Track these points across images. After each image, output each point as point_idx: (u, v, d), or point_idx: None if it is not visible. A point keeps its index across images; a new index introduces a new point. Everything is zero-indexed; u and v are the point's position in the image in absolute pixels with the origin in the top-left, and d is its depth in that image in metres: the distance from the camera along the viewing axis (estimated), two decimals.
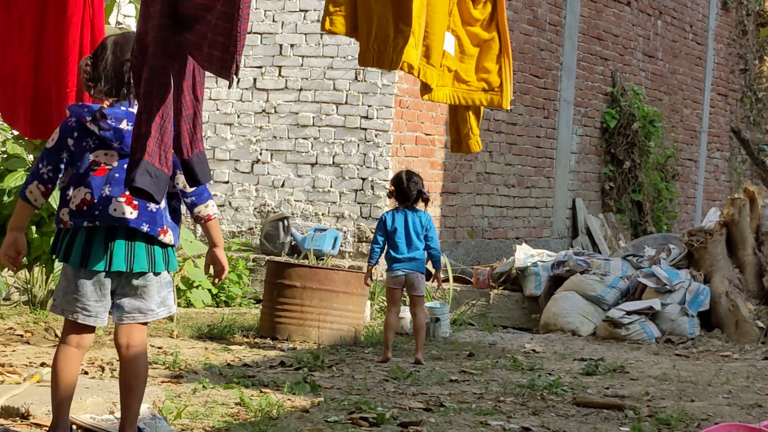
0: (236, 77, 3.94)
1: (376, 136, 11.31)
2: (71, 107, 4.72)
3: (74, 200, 4.61)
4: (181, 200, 4.78)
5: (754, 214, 10.73)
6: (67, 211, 4.62)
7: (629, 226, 15.45)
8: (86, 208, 4.58)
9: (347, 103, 11.45)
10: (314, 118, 11.57)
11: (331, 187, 11.48)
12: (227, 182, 11.87)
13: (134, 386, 4.67)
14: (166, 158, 4.27)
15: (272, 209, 11.70)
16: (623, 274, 10.49)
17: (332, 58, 11.49)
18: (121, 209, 4.57)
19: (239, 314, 9.96)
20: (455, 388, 7.04)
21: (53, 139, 4.68)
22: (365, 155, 11.34)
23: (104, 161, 4.63)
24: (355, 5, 5.28)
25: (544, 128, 13.93)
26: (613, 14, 15.34)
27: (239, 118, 11.85)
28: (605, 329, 9.97)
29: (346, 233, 11.38)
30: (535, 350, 9.05)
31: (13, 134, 8.44)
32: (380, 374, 7.44)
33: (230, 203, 11.84)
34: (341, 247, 11.34)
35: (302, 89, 11.64)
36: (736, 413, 6.57)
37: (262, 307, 9.24)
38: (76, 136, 4.64)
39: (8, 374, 6.27)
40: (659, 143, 15.58)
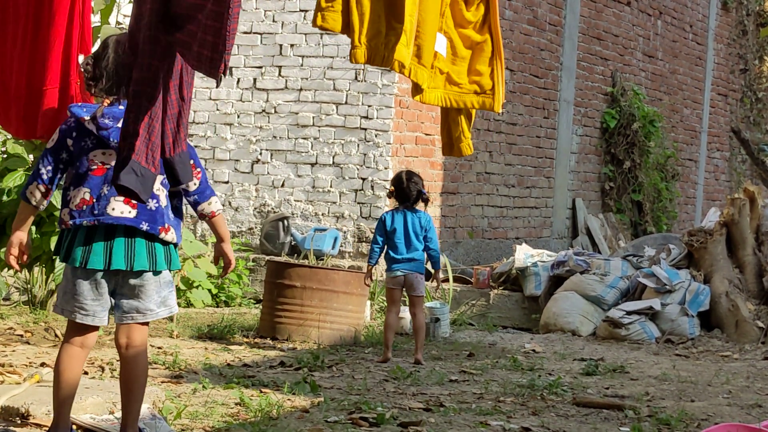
0: (224, 77, 3.94)
1: (376, 136, 11.31)
2: (71, 107, 4.73)
3: (74, 200, 4.62)
4: (182, 198, 4.78)
5: (754, 214, 10.73)
6: (67, 211, 4.64)
7: (629, 226, 15.44)
8: (86, 207, 4.59)
9: (347, 103, 11.45)
10: (314, 118, 11.57)
11: (331, 187, 11.48)
12: (227, 182, 11.86)
13: (134, 387, 4.67)
14: (153, 157, 4.26)
15: (272, 209, 11.69)
16: (623, 274, 10.48)
17: (332, 58, 11.49)
18: (119, 208, 4.57)
19: (239, 314, 9.96)
20: (455, 388, 7.04)
21: (53, 139, 4.70)
22: (365, 155, 11.33)
23: (102, 160, 4.63)
24: (348, 1, 5.25)
25: (544, 128, 13.93)
26: (613, 14, 15.34)
27: (239, 118, 11.84)
28: (605, 329, 9.97)
29: (346, 233, 11.38)
30: (535, 350, 9.05)
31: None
32: (380, 374, 7.44)
33: (230, 203, 11.84)
34: (341, 247, 11.34)
35: (302, 89, 11.64)
36: (736, 413, 6.57)
37: (262, 307, 9.24)
38: (74, 136, 4.65)
39: (8, 374, 6.27)
40: (659, 143, 15.58)
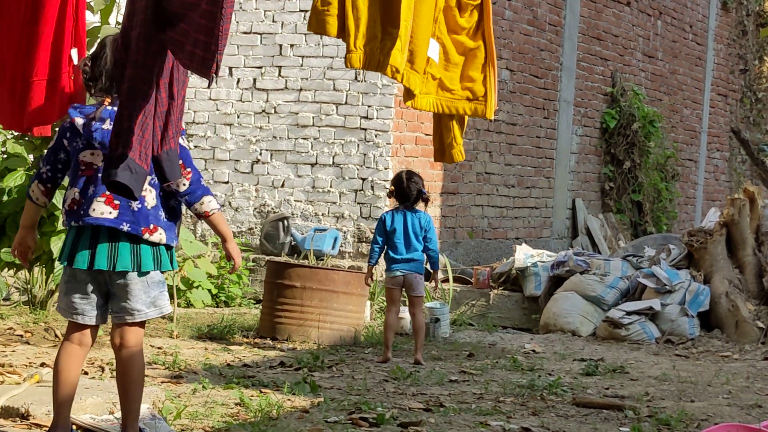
0: (216, 77, 3.94)
1: (376, 136, 11.31)
2: (70, 108, 4.77)
3: (67, 201, 4.70)
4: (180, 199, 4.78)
5: (754, 214, 10.73)
6: (63, 211, 4.73)
7: (629, 226, 15.44)
8: (75, 208, 4.66)
9: (347, 103, 11.45)
10: (314, 118, 11.57)
11: (331, 187, 11.48)
12: (227, 182, 11.86)
13: (130, 387, 4.67)
14: (146, 155, 4.27)
15: (272, 209, 11.69)
16: (623, 274, 10.48)
17: (332, 58, 11.48)
18: (99, 209, 4.60)
19: (239, 314, 9.96)
20: (455, 388, 7.04)
21: (53, 139, 4.77)
22: (365, 155, 11.33)
23: (91, 161, 4.68)
24: (344, 5, 5.23)
25: (544, 128, 13.93)
26: (613, 14, 15.34)
27: (239, 118, 11.84)
28: (605, 329, 9.97)
29: (346, 233, 11.38)
30: (535, 350, 9.05)
31: (13, 134, 8.43)
32: (380, 374, 7.44)
33: (230, 203, 11.84)
34: (341, 247, 11.34)
35: (302, 89, 11.63)
36: (736, 413, 6.57)
37: (262, 307, 9.24)
38: (68, 136, 4.72)
39: (8, 374, 6.27)
40: (659, 143, 15.58)
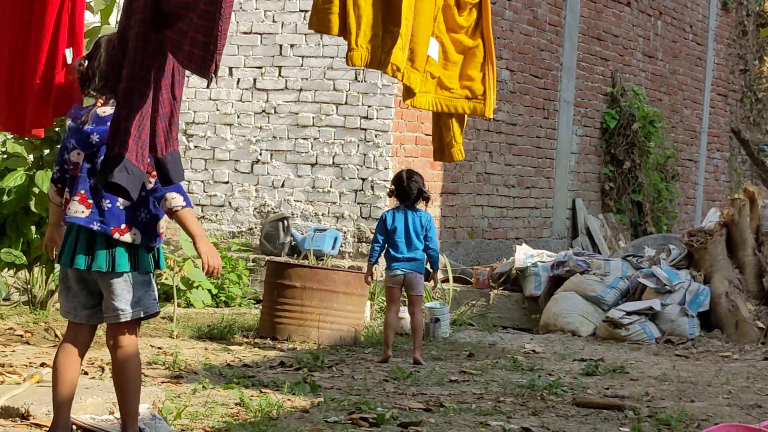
0: (215, 76, 3.94)
1: (376, 136, 11.31)
2: (72, 108, 4.83)
3: (64, 201, 4.73)
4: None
5: (754, 214, 10.73)
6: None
7: (629, 226, 15.44)
8: (64, 207, 4.75)
9: (347, 103, 11.44)
10: (314, 118, 11.57)
11: (331, 187, 11.48)
12: (227, 182, 11.86)
13: (126, 387, 4.67)
14: (142, 155, 4.27)
15: (272, 209, 11.69)
16: (623, 274, 10.48)
17: (332, 58, 11.48)
18: (74, 208, 4.64)
19: (239, 314, 9.96)
20: (455, 388, 7.04)
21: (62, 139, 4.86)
22: (365, 155, 11.33)
23: (77, 161, 4.73)
24: (345, 3, 5.22)
25: (544, 128, 13.93)
26: (613, 14, 15.34)
27: (239, 118, 11.84)
28: (605, 329, 9.97)
29: (346, 233, 11.38)
30: (535, 350, 9.05)
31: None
32: (380, 374, 7.44)
33: (230, 203, 11.84)
34: (341, 247, 11.34)
35: (302, 89, 11.63)
36: (736, 413, 6.57)
37: (262, 307, 9.24)
38: (67, 136, 4.78)
39: (8, 374, 6.27)
40: (659, 143, 15.57)
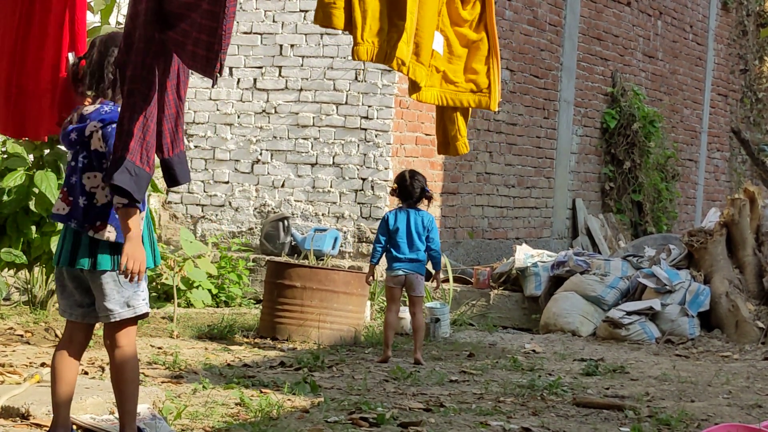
0: (220, 76, 3.94)
1: (376, 136, 11.30)
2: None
3: None
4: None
5: (754, 214, 10.73)
6: None
7: (629, 226, 15.44)
8: None
9: (347, 103, 11.44)
10: (314, 118, 11.57)
11: (331, 187, 11.48)
12: (227, 182, 11.86)
13: (123, 386, 4.66)
14: (147, 157, 4.26)
15: (272, 209, 11.69)
16: (623, 274, 10.48)
17: (332, 58, 11.48)
18: (57, 205, 4.65)
19: (239, 314, 9.96)
20: (455, 388, 7.04)
21: None
22: (365, 155, 11.33)
23: (69, 159, 4.74)
24: None
25: (544, 128, 13.93)
26: (613, 14, 15.34)
27: (239, 118, 11.84)
28: (605, 329, 9.97)
29: (346, 233, 11.37)
30: (535, 350, 9.05)
31: None
32: (380, 374, 7.44)
33: (230, 203, 11.84)
34: (341, 247, 11.33)
35: (302, 89, 11.63)
36: (736, 413, 6.57)
37: (262, 307, 9.24)
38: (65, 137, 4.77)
39: (8, 374, 6.27)
40: (659, 143, 15.57)
